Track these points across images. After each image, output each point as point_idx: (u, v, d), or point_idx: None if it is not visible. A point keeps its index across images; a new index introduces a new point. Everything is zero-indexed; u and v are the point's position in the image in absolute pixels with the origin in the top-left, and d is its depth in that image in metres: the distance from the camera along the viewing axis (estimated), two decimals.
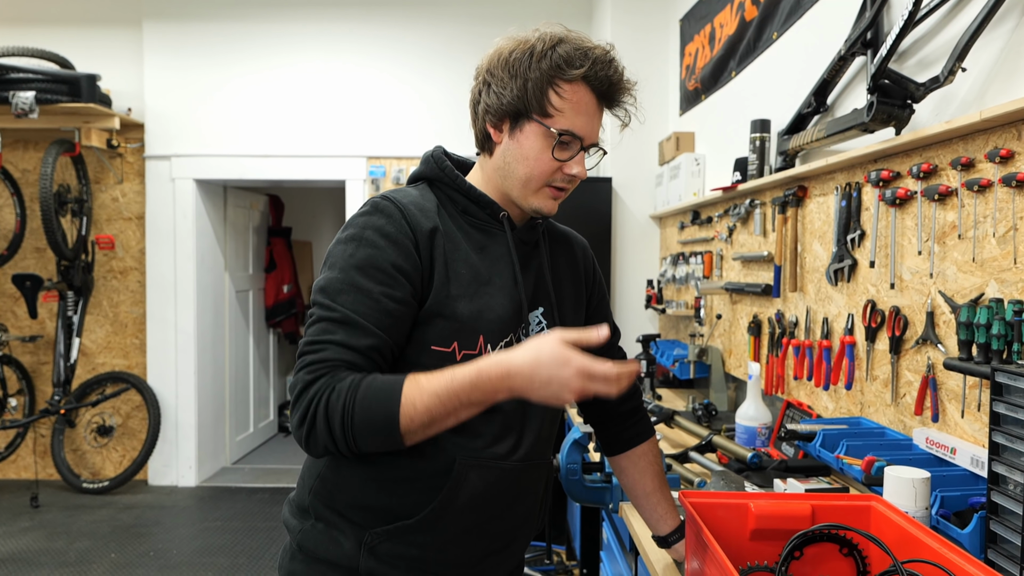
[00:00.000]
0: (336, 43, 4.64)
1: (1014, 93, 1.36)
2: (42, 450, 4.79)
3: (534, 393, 0.94)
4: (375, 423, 0.95)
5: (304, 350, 1.01)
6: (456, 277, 1.09)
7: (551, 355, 0.93)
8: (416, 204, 1.11)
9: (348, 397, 0.95)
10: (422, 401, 0.95)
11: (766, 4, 2.61)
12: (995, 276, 1.39)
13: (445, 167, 1.18)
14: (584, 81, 1.08)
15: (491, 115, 1.11)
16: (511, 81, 1.08)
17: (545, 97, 1.07)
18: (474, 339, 1.09)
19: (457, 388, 0.95)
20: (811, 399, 2.17)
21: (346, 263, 1.04)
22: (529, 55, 1.07)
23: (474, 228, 1.16)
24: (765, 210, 2.53)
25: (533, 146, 1.09)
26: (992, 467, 1.14)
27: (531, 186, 1.12)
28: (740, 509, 1.12)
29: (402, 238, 1.06)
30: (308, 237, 6.84)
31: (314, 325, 1.02)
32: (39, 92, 4.07)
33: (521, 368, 0.94)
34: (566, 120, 1.08)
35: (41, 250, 4.75)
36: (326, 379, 0.97)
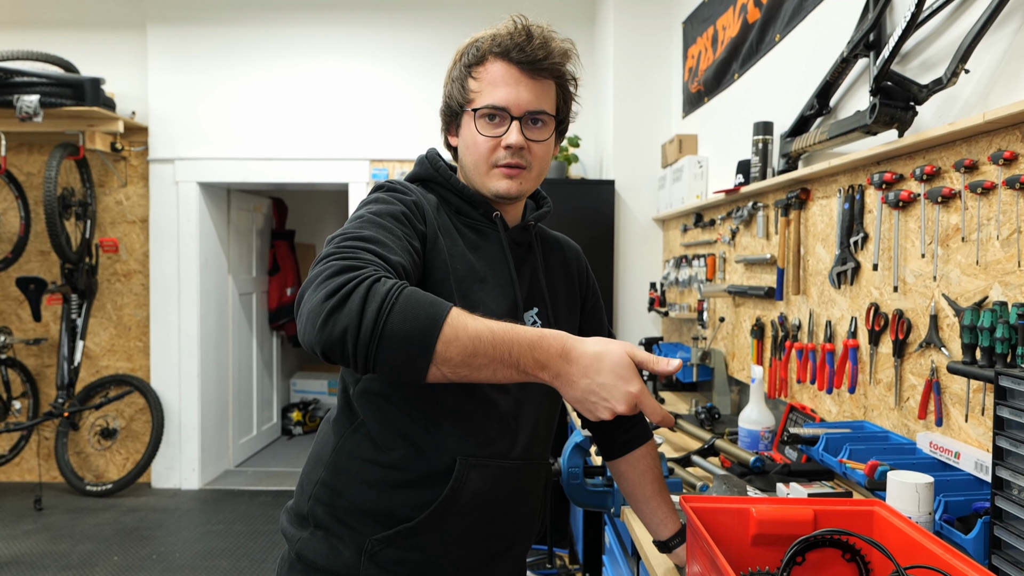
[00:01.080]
0: (339, 46, 4.65)
1: (1018, 95, 1.35)
2: (46, 453, 4.80)
3: (578, 389, 0.86)
4: (415, 324, 0.82)
5: (331, 259, 0.88)
6: (453, 272, 1.09)
7: (617, 363, 0.85)
8: (421, 195, 1.15)
9: (395, 288, 0.83)
10: (474, 327, 0.83)
11: (769, 6, 2.60)
12: (999, 279, 1.38)
13: (439, 167, 1.20)
14: (494, 56, 1.12)
15: (443, 124, 1.22)
16: (445, 89, 1.18)
17: (465, 88, 1.14)
18: None
19: (515, 337, 0.85)
20: (814, 403, 2.16)
21: (363, 215, 1.02)
22: (454, 61, 1.17)
23: (468, 228, 1.17)
24: (768, 213, 2.52)
25: (468, 133, 1.15)
26: (996, 472, 1.13)
27: (480, 169, 1.15)
28: (741, 514, 1.11)
29: (412, 201, 1.09)
30: (311, 240, 6.85)
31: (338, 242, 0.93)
32: (43, 96, 4.09)
33: (582, 357, 0.86)
34: (483, 97, 1.12)
35: (45, 253, 4.76)
36: (369, 271, 0.86)
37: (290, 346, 6.38)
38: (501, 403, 1.13)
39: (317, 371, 6.59)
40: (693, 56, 3.59)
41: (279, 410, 6.07)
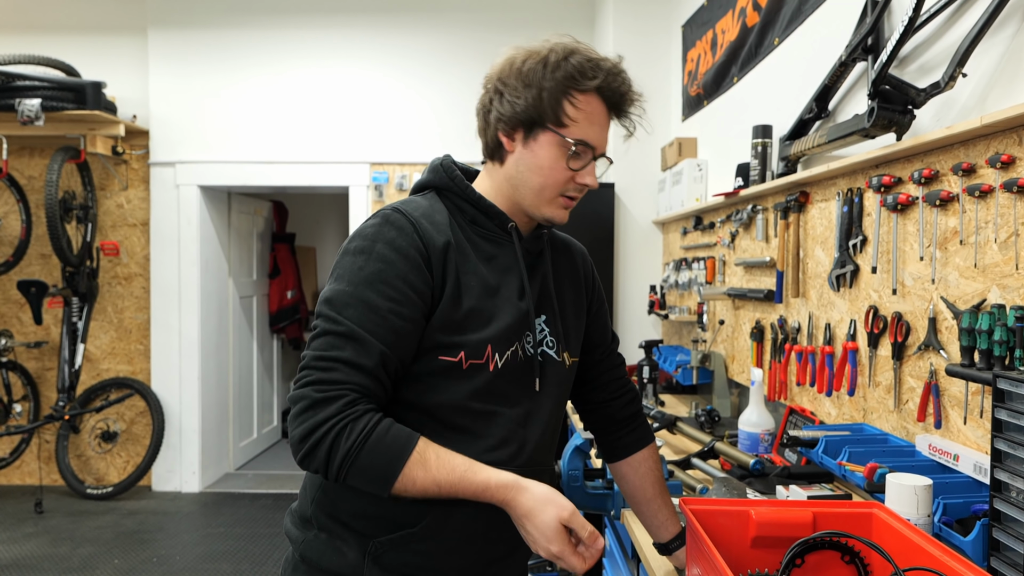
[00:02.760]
0: (340, 50, 4.67)
1: (1015, 98, 1.35)
2: (46, 456, 4.80)
3: (517, 525, 1.03)
4: (371, 476, 0.98)
5: (311, 363, 1.00)
6: (467, 290, 1.09)
7: (545, 527, 1.00)
8: (427, 216, 1.10)
9: (357, 442, 0.96)
10: (422, 481, 0.99)
11: (767, 10, 2.61)
12: (997, 282, 1.39)
13: (455, 176, 1.17)
14: (597, 92, 1.09)
15: (504, 124, 1.11)
16: (525, 91, 1.08)
17: (560, 107, 1.07)
18: (481, 349, 1.09)
19: (460, 490, 1.01)
20: (814, 405, 2.16)
21: (355, 276, 1.03)
22: (543, 65, 1.07)
23: (482, 238, 1.15)
24: (767, 215, 2.52)
25: (548, 155, 1.10)
26: (994, 474, 1.13)
27: (545, 195, 1.13)
28: (741, 516, 1.11)
29: (413, 252, 1.05)
30: (312, 243, 6.86)
31: (319, 338, 1.01)
32: (45, 99, 4.10)
33: (518, 508, 1.02)
34: (580, 130, 1.09)
35: (46, 256, 4.77)
36: (339, 409, 0.97)
37: (290, 349, 6.38)
38: (509, 412, 1.13)
39: None
40: (692, 59, 3.59)
41: (279, 413, 6.07)
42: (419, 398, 1.09)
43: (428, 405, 1.09)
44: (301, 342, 6.27)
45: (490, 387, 1.11)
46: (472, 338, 1.08)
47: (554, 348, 1.21)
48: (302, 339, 6.22)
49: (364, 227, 1.09)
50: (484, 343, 1.09)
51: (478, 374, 1.09)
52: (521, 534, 1.04)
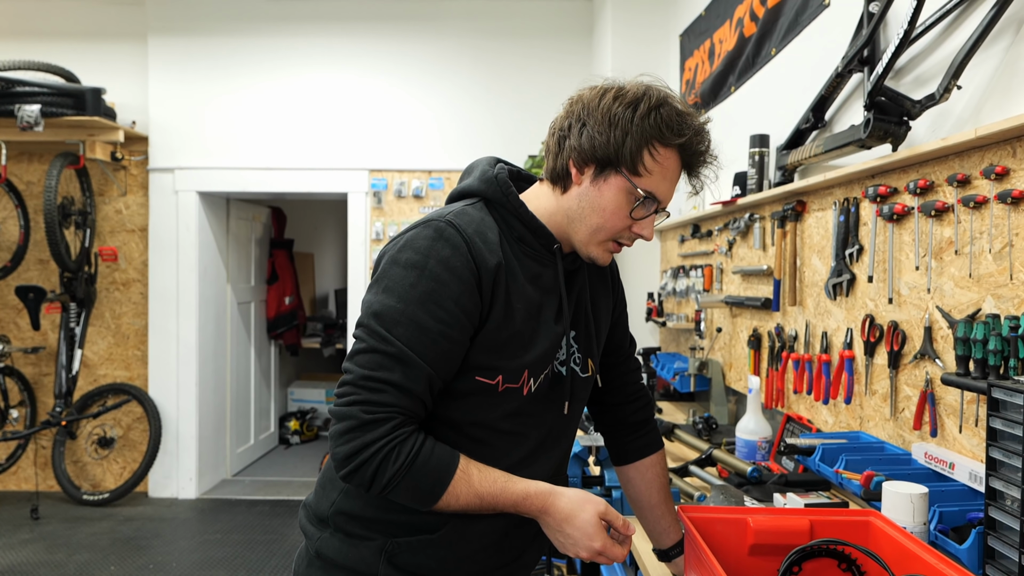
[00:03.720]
0: (338, 57, 4.68)
1: (1009, 111, 1.37)
2: (43, 462, 4.79)
3: (551, 533, 1.07)
4: (416, 495, 1.01)
5: (359, 382, 0.99)
6: (512, 314, 1.08)
7: (585, 524, 1.03)
8: (480, 234, 1.07)
9: (404, 465, 0.98)
10: (465, 496, 1.02)
11: (764, 20, 2.64)
12: (992, 292, 1.40)
13: (510, 194, 1.14)
14: (678, 148, 1.08)
15: (577, 156, 1.08)
16: (609, 130, 1.05)
17: (639, 156, 1.05)
18: (519, 374, 1.09)
19: (501, 501, 1.04)
20: (811, 413, 2.17)
21: (406, 293, 1.01)
22: (632, 108, 1.05)
23: (527, 256, 1.14)
24: (764, 224, 2.54)
25: (613, 200, 1.08)
26: (989, 482, 1.14)
27: (598, 237, 1.12)
28: (739, 524, 1.12)
29: (467, 274, 1.03)
30: (310, 249, 6.87)
31: (367, 354, 1.00)
32: (45, 105, 4.11)
33: (557, 513, 1.05)
34: (653, 183, 1.08)
35: (44, 262, 4.77)
36: (387, 432, 0.98)
37: (288, 355, 6.38)
38: (532, 433, 1.15)
39: (315, 380, 6.59)
40: (690, 68, 3.62)
41: (277, 419, 6.06)
42: (450, 413, 1.09)
43: (458, 421, 1.10)
44: (299, 348, 6.26)
45: (521, 409, 1.12)
46: (512, 363, 1.08)
47: (580, 364, 1.22)
48: (299, 345, 6.21)
49: (415, 238, 1.05)
50: (522, 368, 1.10)
51: (512, 397, 1.10)
52: (556, 540, 1.06)
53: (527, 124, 4.60)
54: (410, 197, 4.70)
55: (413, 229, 1.08)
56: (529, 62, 4.63)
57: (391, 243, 1.09)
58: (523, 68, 4.63)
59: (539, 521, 1.07)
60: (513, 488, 1.05)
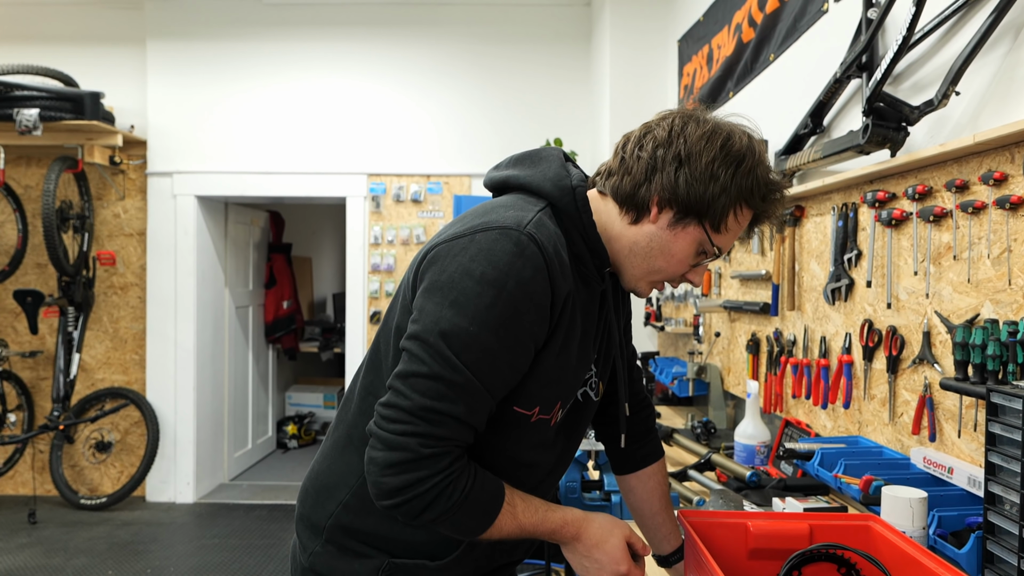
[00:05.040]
0: (337, 61, 4.69)
1: (1007, 117, 1.38)
2: (40, 466, 4.78)
3: (577, 560, 1.07)
4: (463, 528, 0.98)
5: (418, 412, 0.91)
6: (569, 343, 1.04)
7: (614, 549, 1.06)
8: (557, 254, 0.99)
9: (458, 502, 0.94)
10: (507, 529, 1.01)
11: (763, 26, 2.65)
12: (990, 297, 1.41)
13: (585, 212, 1.06)
14: (753, 211, 1.05)
15: (666, 196, 1.01)
16: (709, 183, 0.99)
17: (726, 214, 1.01)
18: (553, 405, 1.07)
19: (540, 530, 1.04)
20: (809, 417, 2.18)
21: (480, 315, 0.92)
22: (735, 165, 1.00)
23: (579, 276, 1.07)
24: (763, 229, 2.55)
25: (684, 249, 1.04)
26: (988, 487, 1.14)
27: (653, 277, 1.09)
28: (738, 528, 1.12)
29: (544, 302, 0.96)
30: (308, 253, 6.86)
31: (430, 381, 0.91)
32: (43, 109, 4.11)
33: (587, 540, 1.06)
34: (727, 240, 1.05)
35: (42, 266, 4.76)
36: (443, 467, 0.92)
37: (286, 359, 6.37)
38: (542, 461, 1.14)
39: (313, 384, 6.58)
40: (688, 74, 3.63)
41: (274, 423, 6.05)
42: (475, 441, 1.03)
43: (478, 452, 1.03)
44: (297, 352, 6.26)
45: (544, 440, 1.11)
46: (551, 394, 1.05)
47: (595, 389, 1.19)
48: (297, 348, 6.21)
49: (493, 249, 0.95)
50: (556, 400, 1.07)
51: (540, 428, 1.08)
52: (581, 564, 1.07)
53: (525, 129, 4.61)
54: (408, 201, 4.70)
55: (484, 232, 0.97)
56: (527, 67, 4.64)
57: (455, 243, 0.97)
58: (522, 73, 4.64)
59: (566, 547, 1.07)
60: (552, 516, 1.04)
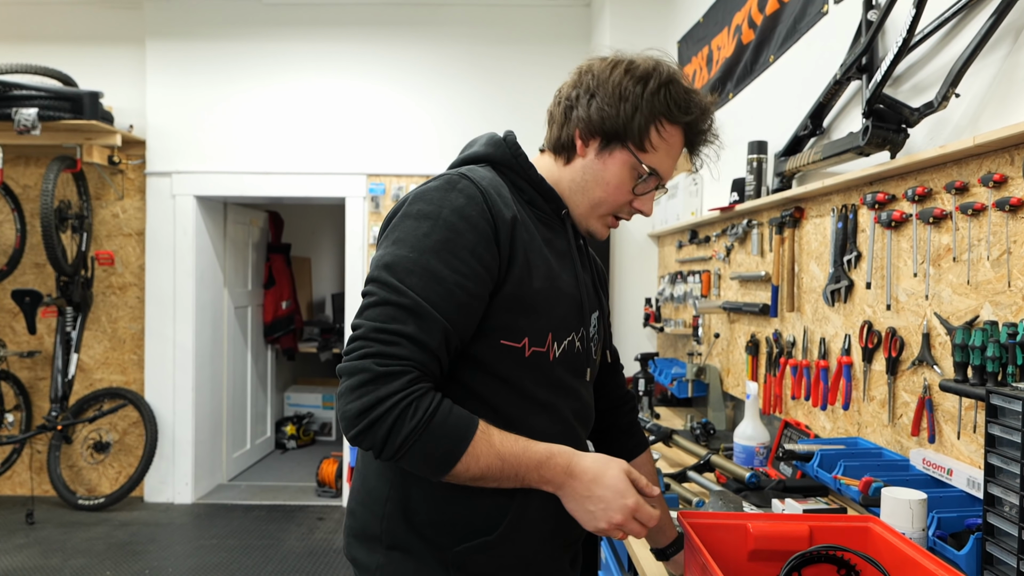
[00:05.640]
0: (336, 62, 4.69)
1: (1007, 119, 1.38)
2: (38, 466, 4.77)
3: (578, 503, 0.98)
4: (433, 457, 0.93)
5: (369, 334, 0.92)
6: (534, 270, 1.04)
7: (615, 480, 0.98)
8: (494, 187, 1.04)
9: (422, 423, 0.91)
10: (486, 459, 0.95)
11: (763, 27, 2.65)
12: (990, 299, 1.41)
13: (519, 155, 1.12)
14: (685, 127, 1.09)
15: (585, 127, 1.08)
16: (619, 103, 1.05)
17: (647, 132, 1.06)
18: (544, 336, 1.06)
19: (524, 463, 0.97)
20: (809, 419, 2.18)
21: (419, 242, 0.96)
22: (643, 84, 1.05)
23: (539, 221, 1.11)
24: (762, 230, 2.55)
25: (617, 174, 1.09)
26: (988, 488, 1.14)
27: (599, 211, 1.13)
28: (738, 529, 1.12)
29: (483, 224, 0.99)
30: (307, 253, 6.86)
31: (379, 307, 0.94)
32: (42, 109, 4.10)
33: (584, 473, 0.98)
34: (657, 159, 1.08)
35: (41, 266, 4.76)
36: (403, 386, 0.91)
37: (284, 359, 6.37)
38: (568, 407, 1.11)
39: (312, 385, 6.57)
40: (688, 75, 3.63)
41: (273, 424, 6.05)
42: (478, 386, 1.04)
43: (489, 395, 1.04)
44: (295, 352, 6.26)
45: (550, 377, 1.08)
46: (536, 324, 1.04)
47: (597, 348, 1.20)
48: (296, 349, 6.20)
49: (427, 190, 1.02)
50: (546, 330, 1.06)
51: (539, 362, 1.06)
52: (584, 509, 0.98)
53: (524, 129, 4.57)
54: None
55: (424, 184, 1.04)
56: (527, 68, 4.64)
57: (400, 200, 1.05)
58: (521, 74, 4.64)
59: (562, 490, 0.99)
60: (536, 447, 0.98)
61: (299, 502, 4.73)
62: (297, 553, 3.86)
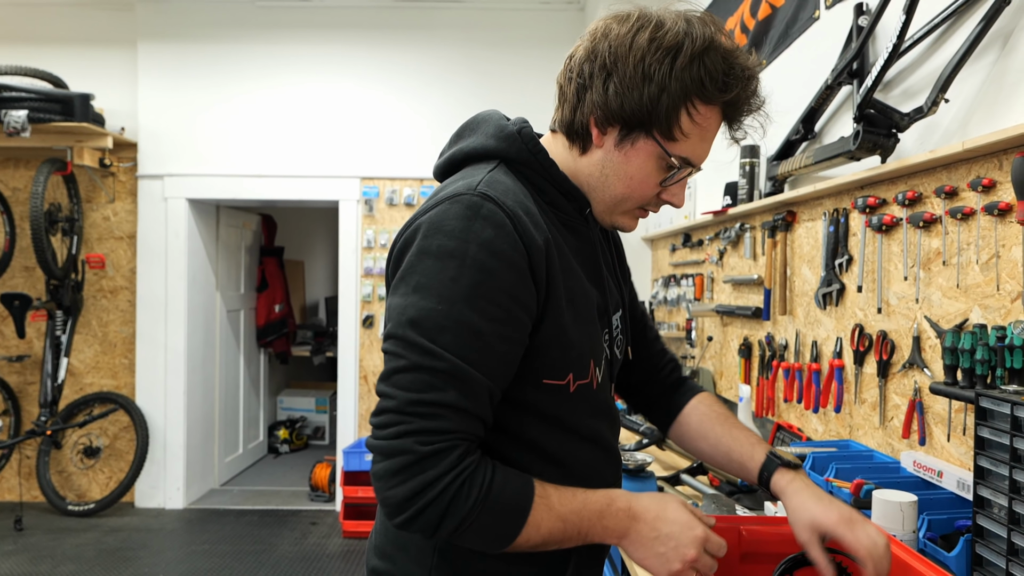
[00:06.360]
0: (330, 64, 4.69)
1: (996, 124, 1.39)
2: (27, 472, 4.73)
3: (647, 547, 0.88)
4: (494, 532, 0.84)
5: (406, 408, 0.81)
6: (571, 297, 0.92)
7: (678, 514, 0.89)
8: (521, 205, 0.89)
9: (479, 500, 0.81)
10: (547, 525, 0.85)
11: (755, 32, 2.66)
12: (979, 302, 1.42)
13: (539, 152, 0.97)
14: (724, 106, 0.90)
15: (602, 114, 0.90)
16: (643, 85, 0.86)
17: (676, 117, 0.88)
18: (587, 367, 0.96)
19: (585, 518, 0.87)
20: (801, 421, 2.19)
21: (447, 290, 0.82)
22: (671, 58, 0.85)
23: (563, 224, 0.98)
24: (755, 234, 2.56)
25: (641, 167, 0.92)
26: (977, 491, 1.15)
27: (623, 207, 0.98)
28: (731, 532, 1.12)
29: (516, 257, 0.84)
30: (300, 256, 6.84)
31: (410, 373, 0.81)
32: (32, 111, 4.08)
33: (646, 511, 0.89)
34: (688, 147, 0.91)
35: (30, 269, 4.73)
36: (453, 464, 0.81)
37: (277, 363, 6.34)
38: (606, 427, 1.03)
39: (305, 389, 6.55)
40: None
41: (266, 428, 6.02)
42: (521, 427, 0.94)
43: (532, 434, 0.94)
44: (288, 356, 6.23)
45: (594, 404, 0.99)
46: (577, 355, 0.94)
47: (621, 347, 1.09)
48: (289, 353, 6.19)
49: (444, 218, 0.85)
50: (587, 358, 0.95)
51: (584, 394, 0.96)
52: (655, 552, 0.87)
53: None
54: (402, 205, 4.70)
55: (435, 208, 0.87)
56: (521, 71, 4.65)
57: (408, 229, 0.89)
58: (515, 77, 4.65)
59: (627, 537, 0.89)
60: (594, 498, 0.88)
61: (292, 507, 4.71)
62: (290, 558, 3.84)
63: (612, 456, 1.06)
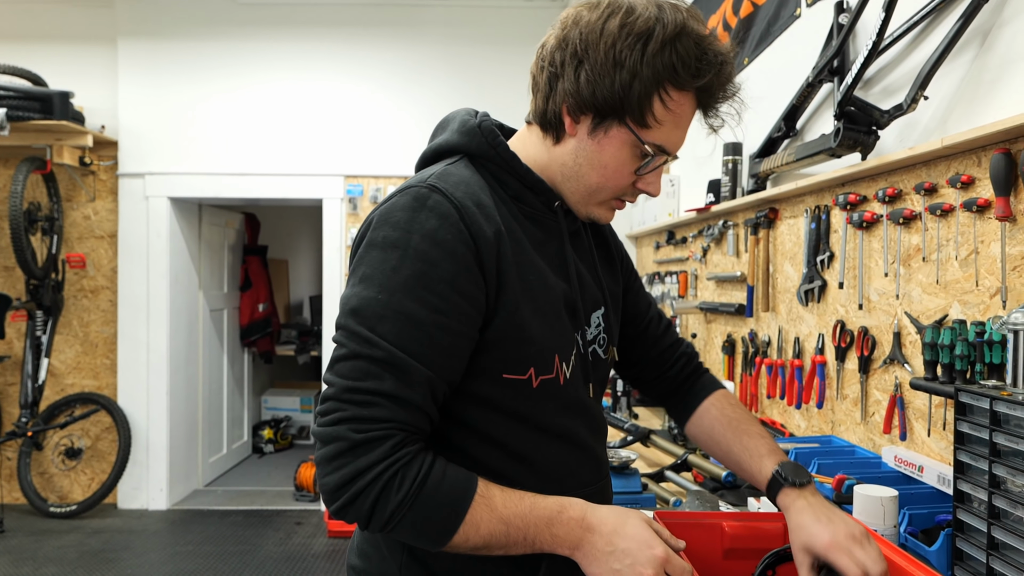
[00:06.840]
0: (313, 62, 4.66)
1: (974, 121, 1.40)
2: (8, 473, 4.67)
3: (601, 562, 0.84)
4: (427, 529, 0.82)
5: (342, 395, 0.81)
6: (528, 289, 0.91)
7: (637, 530, 0.85)
8: (472, 196, 0.89)
9: (411, 493, 0.80)
10: (487, 526, 0.83)
11: (737, 30, 2.67)
12: (958, 298, 1.43)
13: (498, 145, 0.96)
14: (697, 92, 0.89)
15: (573, 103, 0.89)
16: (614, 72, 0.85)
17: (648, 104, 0.87)
18: (550, 362, 0.94)
19: (532, 522, 0.84)
20: (784, 417, 2.20)
21: (388, 280, 0.83)
22: (642, 43, 0.84)
23: (527, 218, 0.97)
24: (738, 231, 2.57)
25: (615, 156, 0.91)
26: (957, 485, 1.16)
27: (598, 197, 0.96)
28: (714, 528, 1.13)
29: (460, 248, 0.84)
30: (284, 255, 6.80)
31: (349, 361, 0.82)
32: (10, 109, 4.02)
33: (602, 524, 0.85)
34: (662, 134, 0.90)
35: (10, 269, 4.66)
36: (386, 454, 0.80)
37: (261, 363, 6.30)
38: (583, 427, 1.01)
39: (289, 388, 6.51)
40: None
41: (250, 428, 5.98)
42: (483, 423, 0.93)
43: (495, 431, 0.93)
44: (273, 355, 6.19)
45: (564, 402, 0.97)
46: (539, 349, 0.92)
47: (604, 346, 1.07)
48: (273, 352, 6.14)
49: (391, 210, 0.87)
50: (551, 353, 0.94)
51: (550, 390, 0.95)
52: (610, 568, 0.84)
53: None
54: None
55: (388, 201, 0.89)
56: (505, 68, 4.64)
57: (364, 223, 0.91)
58: (499, 74, 4.64)
59: (580, 550, 0.85)
60: (544, 503, 0.85)
61: (277, 507, 4.68)
62: (275, 558, 3.82)
63: (590, 455, 1.03)
